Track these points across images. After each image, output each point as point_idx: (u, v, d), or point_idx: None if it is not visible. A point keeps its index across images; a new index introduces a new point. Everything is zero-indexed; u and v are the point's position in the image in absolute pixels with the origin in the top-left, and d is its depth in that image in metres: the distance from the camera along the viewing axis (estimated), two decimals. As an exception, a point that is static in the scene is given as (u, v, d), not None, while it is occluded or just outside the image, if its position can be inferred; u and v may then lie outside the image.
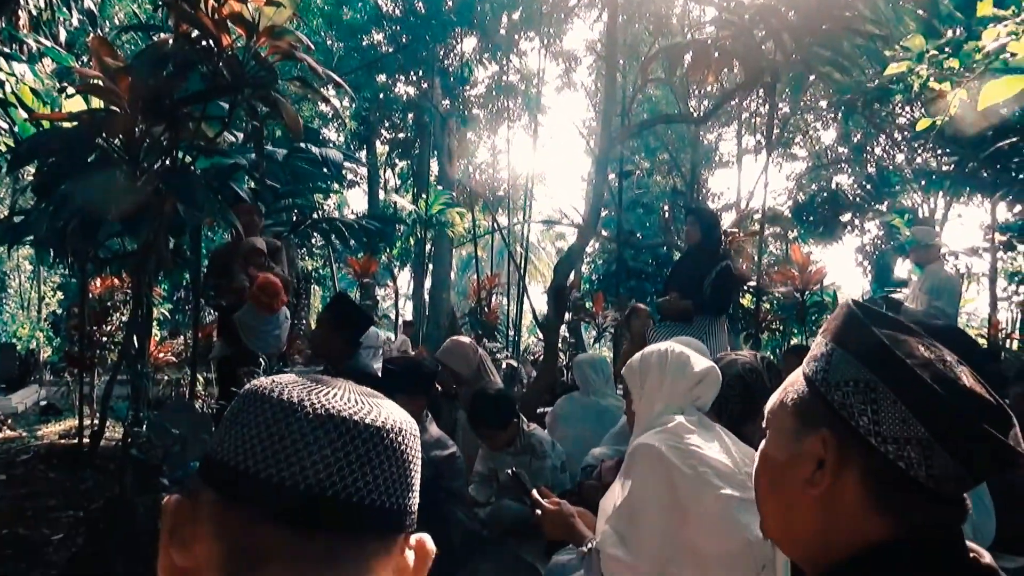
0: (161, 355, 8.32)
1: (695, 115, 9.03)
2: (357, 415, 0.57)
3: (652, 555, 1.73)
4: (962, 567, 0.78)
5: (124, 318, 8.48)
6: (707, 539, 1.69)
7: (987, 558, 0.80)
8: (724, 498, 1.66)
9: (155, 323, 10.60)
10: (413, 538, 0.63)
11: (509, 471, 2.33)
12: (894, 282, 10.25)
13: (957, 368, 0.81)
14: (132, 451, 2.46)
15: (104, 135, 2.37)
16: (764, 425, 0.95)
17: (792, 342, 11.07)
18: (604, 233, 13.86)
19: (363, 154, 16.40)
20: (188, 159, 2.65)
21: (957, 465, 0.75)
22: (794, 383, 0.91)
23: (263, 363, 2.79)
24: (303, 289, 13.07)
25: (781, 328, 8.98)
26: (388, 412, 0.60)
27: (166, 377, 8.41)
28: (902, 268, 13.20)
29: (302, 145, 4.09)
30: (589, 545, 1.90)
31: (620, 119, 8.39)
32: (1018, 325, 9.85)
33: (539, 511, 2.06)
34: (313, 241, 10.30)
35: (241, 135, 3.83)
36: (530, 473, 3.68)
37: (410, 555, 0.62)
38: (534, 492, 2.14)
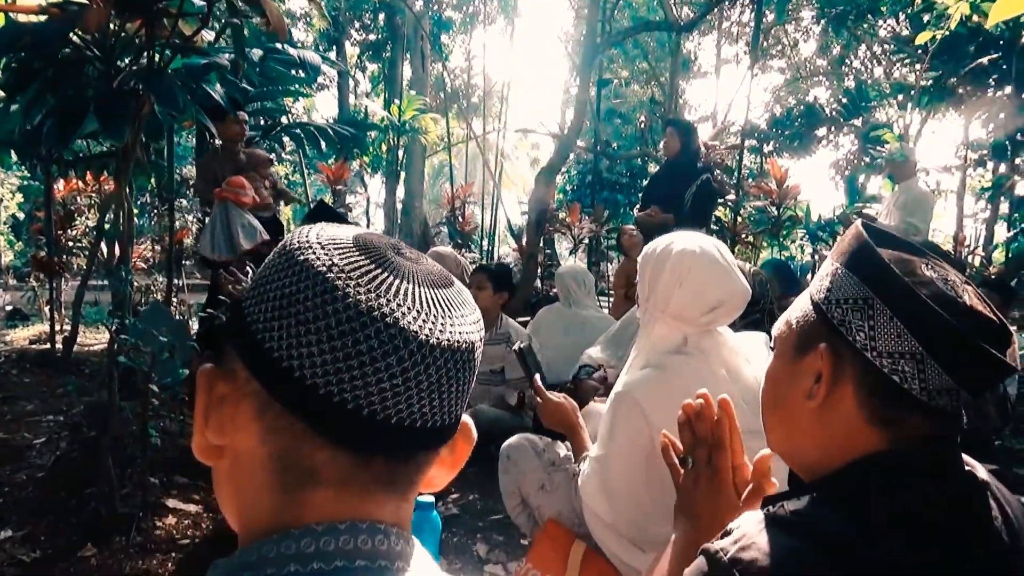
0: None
1: (679, 22, 8.79)
2: (432, 336, 0.51)
3: (629, 518, 1.71)
4: (954, 477, 0.81)
5: (90, 222, 8.29)
6: None
7: (982, 472, 0.84)
8: None
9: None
10: None
11: (516, 347, 2.19)
12: (866, 198, 10.35)
13: (960, 287, 0.83)
14: (120, 358, 2.43)
15: (77, 31, 2.21)
16: (772, 346, 0.98)
17: (762, 255, 11.24)
18: (580, 143, 13.71)
19: (332, 56, 15.79)
20: (164, 58, 2.51)
21: (950, 379, 0.78)
22: (800, 304, 0.93)
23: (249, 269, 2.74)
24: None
25: (753, 242, 9.08)
26: (461, 323, 0.55)
27: (136, 283, 8.29)
28: (874, 184, 13.35)
29: (278, 46, 3.90)
30: (577, 468, 1.92)
31: (601, 26, 8.15)
32: (982, 242, 10.08)
33: (540, 399, 2.03)
34: (282, 147, 10.03)
35: (214, 34, 3.63)
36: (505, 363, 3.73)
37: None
38: (537, 378, 2.08)
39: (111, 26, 2.24)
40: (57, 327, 5.99)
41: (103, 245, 5.05)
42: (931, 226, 6.29)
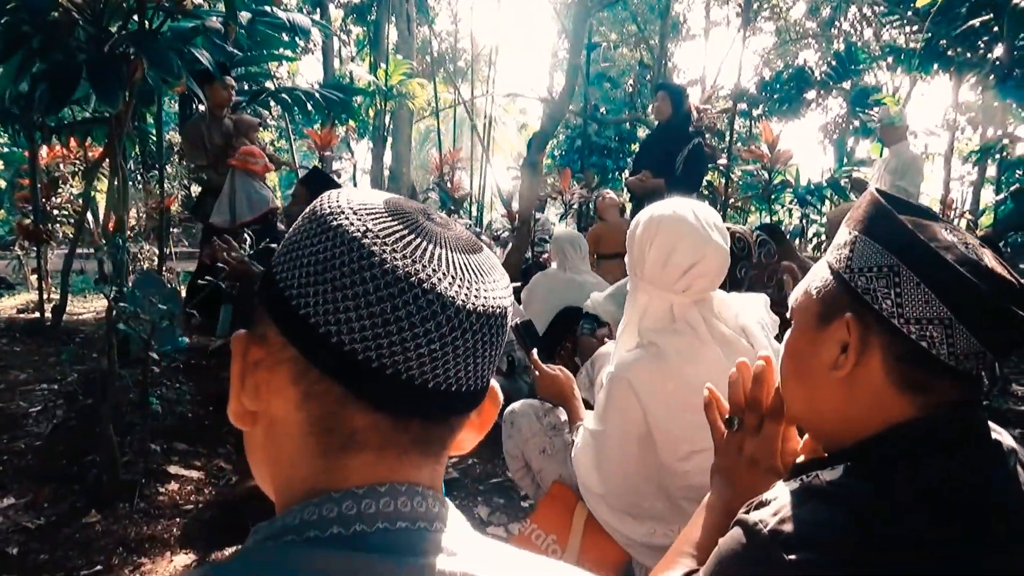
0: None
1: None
2: (468, 302, 0.52)
3: (620, 492, 1.73)
4: (983, 444, 0.82)
5: (74, 190, 8.16)
6: (674, 478, 1.68)
7: (1007, 439, 0.85)
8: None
9: (102, 195, 10.25)
10: None
11: (513, 324, 2.19)
12: (855, 161, 10.36)
13: (980, 250, 0.83)
14: (119, 326, 2.42)
15: (66, -8, 2.17)
16: (789, 316, 0.97)
17: (750, 220, 11.26)
18: (570, 108, 13.60)
19: (316, 18, 15.48)
20: (155, 22, 2.46)
21: (977, 342, 0.79)
22: (818, 273, 0.92)
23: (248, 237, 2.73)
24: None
25: (742, 206, 9.10)
26: (493, 289, 0.55)
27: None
28: (863, 148, 13.35)
29: (266, 8, 3.82)
30: (572, 438, 1.95)
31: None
32: (968, 205, 10.14)
33: (537, 372, 2.08)
34: (267, 112, 9.89)
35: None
36: None
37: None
38: (534, 352, 2.13)
39: (101, -12, 2.19)
40: (44, 296, 5.94)
41: (88, 214, 5.01)
42: (921, 190, 6.31)
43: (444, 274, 0.52)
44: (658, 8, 14.01)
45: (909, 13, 8.83)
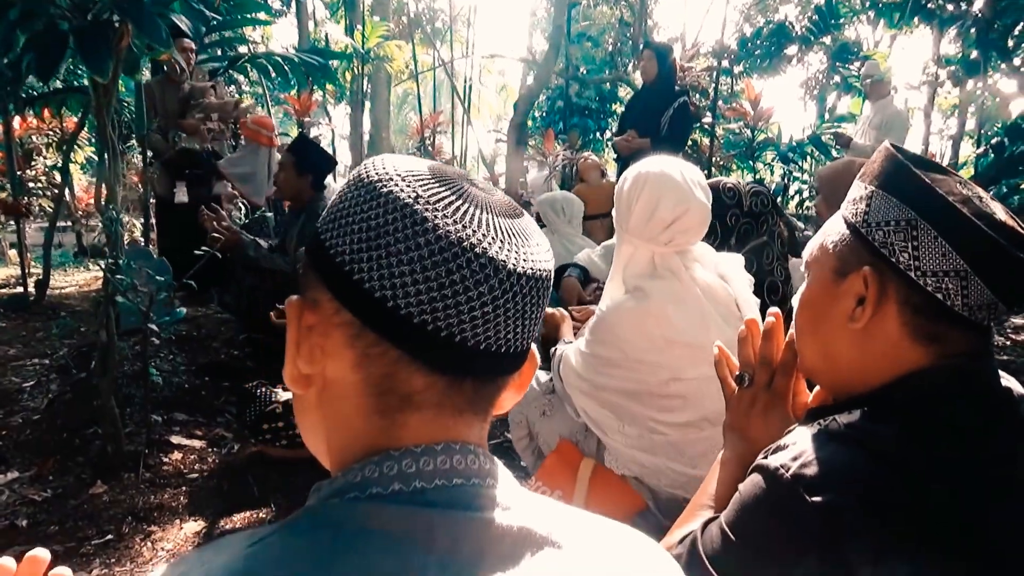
0: (91, 201, 7.92)
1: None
2: (519, 266, 0.54)
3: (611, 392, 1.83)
4: (995, 391, 0.85)
5: (49, 162, 8.01)
6: (655, 399, 1.77)
7: (1019, 388, 0.89)
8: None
9: (79, 167, 10.06)
10: None
11: None
12: (837, 117, 10.39)
13: (992, 203, 0.85)
14: (118, 298, 2.40)
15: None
16: (803, 269, 1.00)
17: (733, 178, 11.28)
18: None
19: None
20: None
21: (992, 293, 0.81)
22: (833, 227, 0.94)
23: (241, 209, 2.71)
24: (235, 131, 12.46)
25: (724, 164, 9.11)
26: (538, 252, 0.57)
27: (99, 224, 8.09)
28: (844, 104, 13.37)
29: (245, -31, 3.74)
30: (554, 348, 2.06)
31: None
32: (948, 159, 10.23)
33: None
34: (242, 78, 9.72)
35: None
36: None
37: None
38: None
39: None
40: (26, 270, 5.86)
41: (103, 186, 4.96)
42: (906, 145, 6.36)
43: (494, 238, 0.53)
44: (638, -36, 13.80)
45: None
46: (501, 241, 0.54)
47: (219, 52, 6.87)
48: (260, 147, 4.84)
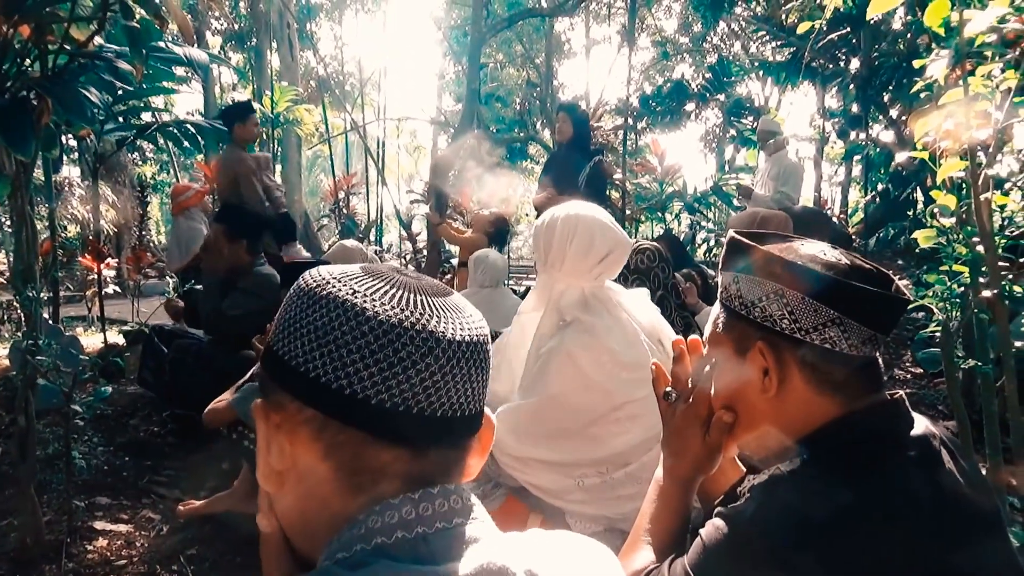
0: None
1: (557, 3, 8.95)
2: (457, 335, 0.59)
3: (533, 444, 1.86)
4: (907, 429, 0.94)
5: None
6: (609, 425, 1.84)
7: (931, 426, 0.97)
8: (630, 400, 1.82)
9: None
10: None
11: None
12: (736, 168, 10.98)
13: (833, 252, 0.98)
14: (39, 380, 2.30)
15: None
16: (706, 355, 1.10)
17: (641, 229, 11.70)
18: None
19: (214, 52, 14.97)
20: (58, 64, 2.36)
21: (868, 328, 0.92)
22: (719, 314, 1.05)
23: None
24: (141, 199, 12.13)
25: (635, 217, 9.46)
26: (472, 321, 0.63)
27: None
28: (741, 157, 14.13)
29: (160, 44, 3.71)
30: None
31: (485, 12, 8.20)
32: (839, 205, 10.97)
33: None
34: (148, 146, 9.52)
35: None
36: None
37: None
38: None
39: (-1, 31, 2.08)
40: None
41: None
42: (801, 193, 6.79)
43: (431, 315, 0.59)
44: (544, 29, 14.39)
45: (775, 28, 9.49)
46: (438, 317, 0.60)
47: (120, 120, 6.72)
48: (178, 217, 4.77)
